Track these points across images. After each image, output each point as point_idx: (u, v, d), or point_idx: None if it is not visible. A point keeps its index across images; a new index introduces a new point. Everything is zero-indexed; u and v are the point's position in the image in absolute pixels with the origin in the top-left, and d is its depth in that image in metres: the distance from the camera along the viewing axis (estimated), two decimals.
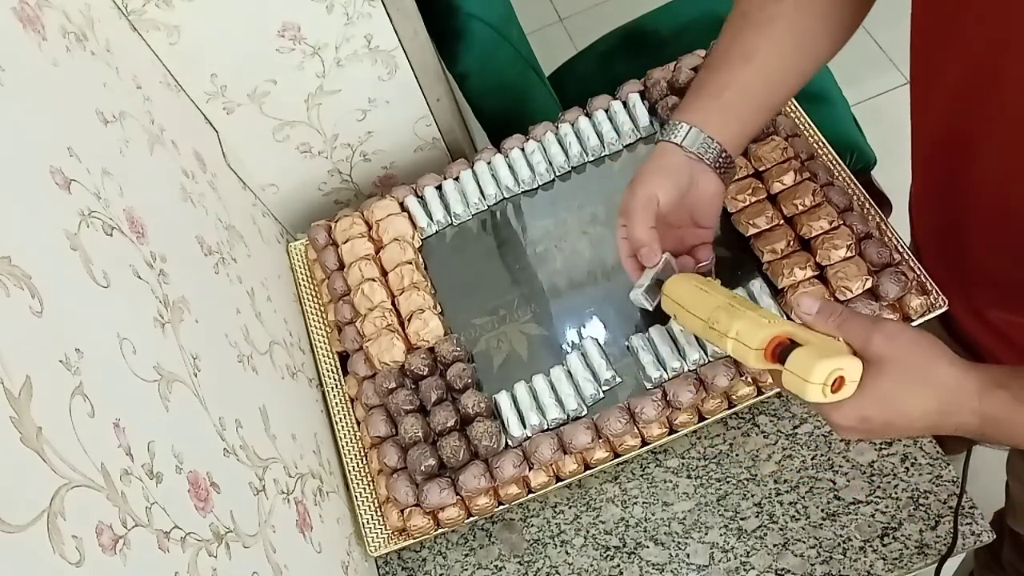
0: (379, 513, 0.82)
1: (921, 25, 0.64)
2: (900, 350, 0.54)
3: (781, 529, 0.77)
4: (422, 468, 0.78)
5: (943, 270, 0.78)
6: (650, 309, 0.73)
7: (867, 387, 0.54)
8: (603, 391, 0.80)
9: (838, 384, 0.53)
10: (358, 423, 0.87)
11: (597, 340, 0.82)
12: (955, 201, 0.71)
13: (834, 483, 0.78)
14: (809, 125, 0.92)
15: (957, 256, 0.76)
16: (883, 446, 0.79)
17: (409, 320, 0.87)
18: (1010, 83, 0.56)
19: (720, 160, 0.71)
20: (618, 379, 0.80)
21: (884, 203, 1.35)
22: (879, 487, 0.77)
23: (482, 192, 0.95)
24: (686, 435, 0.81)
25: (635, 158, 0.94)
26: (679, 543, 0.79)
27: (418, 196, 0.97)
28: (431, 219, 0.95)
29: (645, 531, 0.80)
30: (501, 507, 0.80)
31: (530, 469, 0.78)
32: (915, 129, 0.74)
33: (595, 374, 0.81)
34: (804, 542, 0.76)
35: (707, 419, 0.79)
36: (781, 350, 0.55)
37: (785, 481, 0.79)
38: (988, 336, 0.78)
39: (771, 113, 0.75)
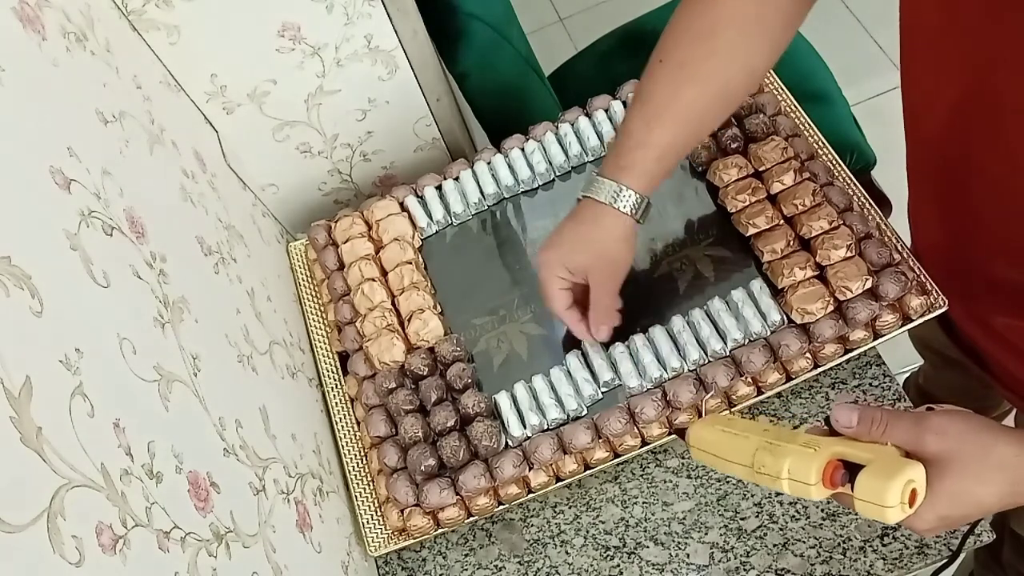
0: (379, 513, 0.82)
1: (912, 48, 0.65)
2: (955, 444, 0.53)
3: (781, 529, 0.77)
4: (422, 468, 0.78)
5: (945, 277, 0.78)
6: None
7: (935, 489, 0.53)
8: (602, 392, 0.80)
9: (912, 496, 0.52)
10: (358, 423, 0.87)
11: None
12: (957, 213, 0.71)
13: None
14: (809, 125, 0.92)
15: (960, 265, 0.76)
16: None
17: (409, 320, 0.87)
18: (1008, 99, 0.56)
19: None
20: (617, 381, 0.80)
21: (884, 203, 1.35)
22: None
23: (482, 192, 0.95)
24: None
25: None
26: (679, 543, 0.79)
27: (418, 196, 0.97)
28: (431, 219, 0.95)
29: (645, 531, 0.80)
30: (501, 507, 0.80)
31: (530, 469, 0.78)
32: (911, 145, 0.74)
33: (594, 375, 0.81)
34: (804, 542, 0.76)
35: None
36: (840, 474, 0.54)
37: None
38: (991, 342, 0.78)
39: None
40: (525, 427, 0.79)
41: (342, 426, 0.88)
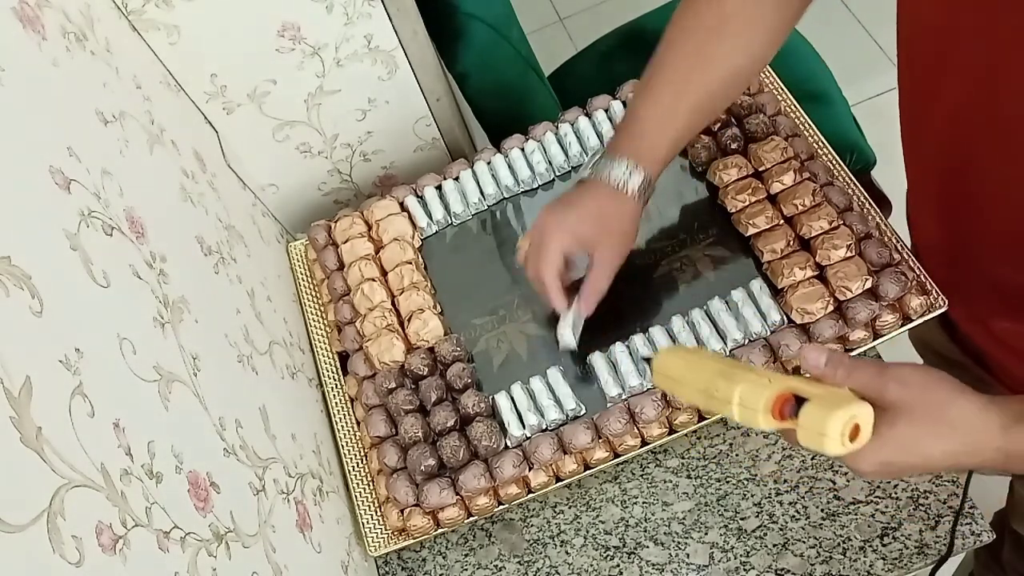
0: (379, 513, 0.82)
1: (911, 49, 0.64)
2: (915, 393, 0.53)
3: (781, 529, 0.77)
4: (422, 468, 0.78)
5: (945, 279, 0.78)
6: (575, 350, 0.79)
7: (885, 433, 0.53)
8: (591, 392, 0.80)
9: (854, 432, 0.52)
10: (358, 423, 0.87)
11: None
12: (958, 214, 0.71)
13: (834, 483, 0.78)
14: (809, 125, 0.92)
15: (960, 267, 0.75)
16: None
17: (409, 320, 0.87)
18: (1009, 102, 0.56)
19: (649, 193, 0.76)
20: (617, 390, 0.80)
21: (884, 203, 1.35)
22: (879, 487, 0.77)
23: (482, 192, 0.95)
24: (686, 435, 0.81)
25: None
26: (679, 543, 0.79)
27: (418, 196, 0.97)
28: (431, 219, 0.95)
29: (645, 531, 0.80)
30: (501, 507, 0.80)
31: (530, 469, 0.78)
32: (909, 147, 0.73)
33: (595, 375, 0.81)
34: (804, 542, 0.76)
35: (707, 419, 0.79)
36: (789, 407, 0.54)
37: (785, 481, 0.79)
38: (992, 344, 0.78)
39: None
40: (524, 427, 0.79)
41: (342, 426, 0.88)
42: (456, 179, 0.96)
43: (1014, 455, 0.53)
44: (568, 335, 0.79)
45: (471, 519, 0.80)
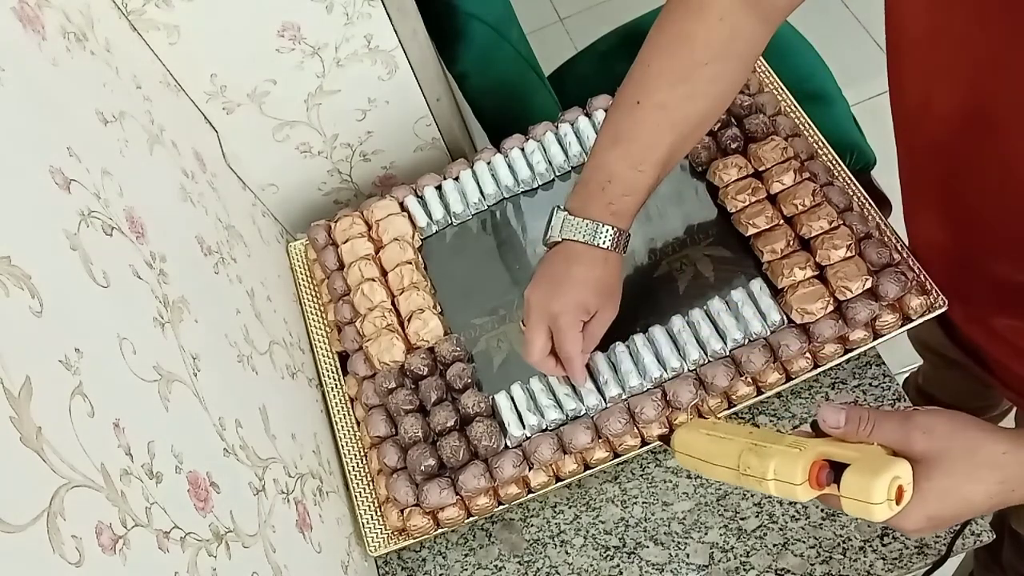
0: (379, 513, 0.82)
1: (900, 57, 0.64)
2: (942, 442, 0.53)
3: (781, 529, 0.77)
4: (422, 468, 0.78)
5: (944, 280, 0.78)
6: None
7: (923, 488, 0.52)
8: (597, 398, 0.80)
9: (899, 493, 0.51)
10: (358, 423, 0.87)
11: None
12: (956, 217, 0.71)
13: None
14: (809, 125, 0.92)
15: (959, 267, 0.76)
16: None
17: (409, 320, 0.87)
18: (1002, 104, 0.56)
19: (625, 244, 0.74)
20: (618, 392, 0.80)
21: (884, 203, 1.35)
22: None
23: (482, 192, 0.95)
24: None
25: None
26: (679, 543, 0.79)
27: (418, 196, 0.97)
28: (431, 219, 0.95)
29: (645, 531, 0.80)
30: (501, 507, 0.80)
31: (530, 469, 0.78)
32: (904, 152, 0.73)
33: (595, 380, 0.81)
34: (804, 542, 0.76)
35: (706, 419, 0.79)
36: (825, 474, 0.53)
37: None
38: (992, 342, 0.78)
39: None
40: (524, 427, 0.79)
41: (342, 426, 0.88)
42: (456, 179, 0.96)
43: None
44: (595, 396, 0.79)
45: (471, 519, 0.80)
